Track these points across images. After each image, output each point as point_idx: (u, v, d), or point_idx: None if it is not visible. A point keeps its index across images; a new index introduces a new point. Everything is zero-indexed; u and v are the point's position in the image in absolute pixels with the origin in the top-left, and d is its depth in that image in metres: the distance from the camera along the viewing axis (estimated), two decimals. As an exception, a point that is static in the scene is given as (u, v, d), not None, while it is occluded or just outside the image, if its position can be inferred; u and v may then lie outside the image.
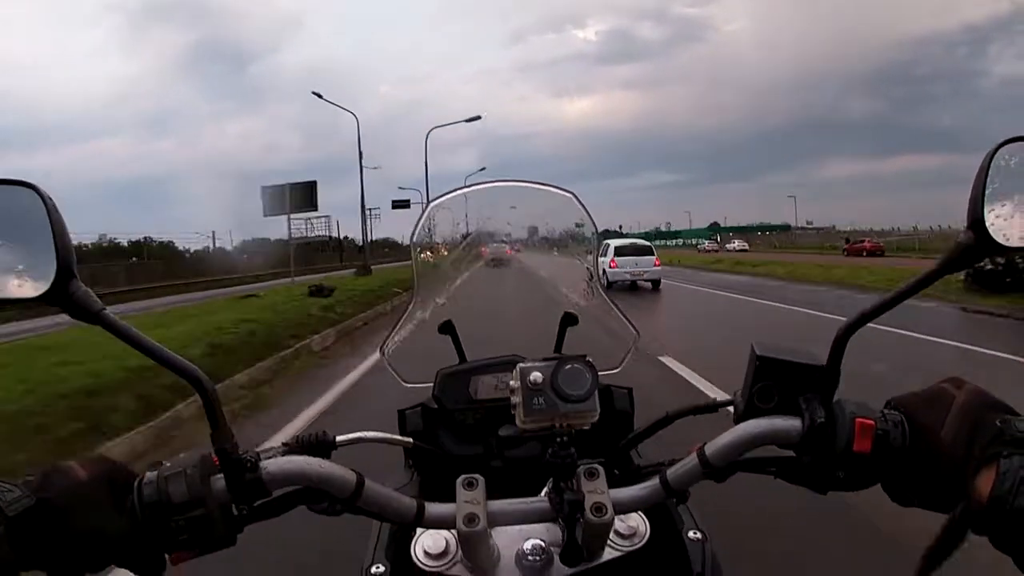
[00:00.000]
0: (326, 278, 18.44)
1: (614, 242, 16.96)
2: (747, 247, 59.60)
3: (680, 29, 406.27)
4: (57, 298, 0.46)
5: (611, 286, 15.35)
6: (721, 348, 6.39)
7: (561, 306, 0.84)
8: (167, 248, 52.26)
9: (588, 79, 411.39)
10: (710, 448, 0.53)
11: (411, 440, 0.74)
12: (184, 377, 0.49)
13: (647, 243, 17.75)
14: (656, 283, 16.14)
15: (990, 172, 0.46)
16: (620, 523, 0.60)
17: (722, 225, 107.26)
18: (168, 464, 0.48)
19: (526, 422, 0.57)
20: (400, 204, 31.52)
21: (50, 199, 0.47)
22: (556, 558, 0.56)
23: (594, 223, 0.83)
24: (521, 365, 0.58)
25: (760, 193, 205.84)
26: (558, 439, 0.57)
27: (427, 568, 0.58)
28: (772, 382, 0.53)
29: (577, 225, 0.86)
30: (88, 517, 0.44)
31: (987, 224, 0.45)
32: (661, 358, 5.87)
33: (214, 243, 49.11)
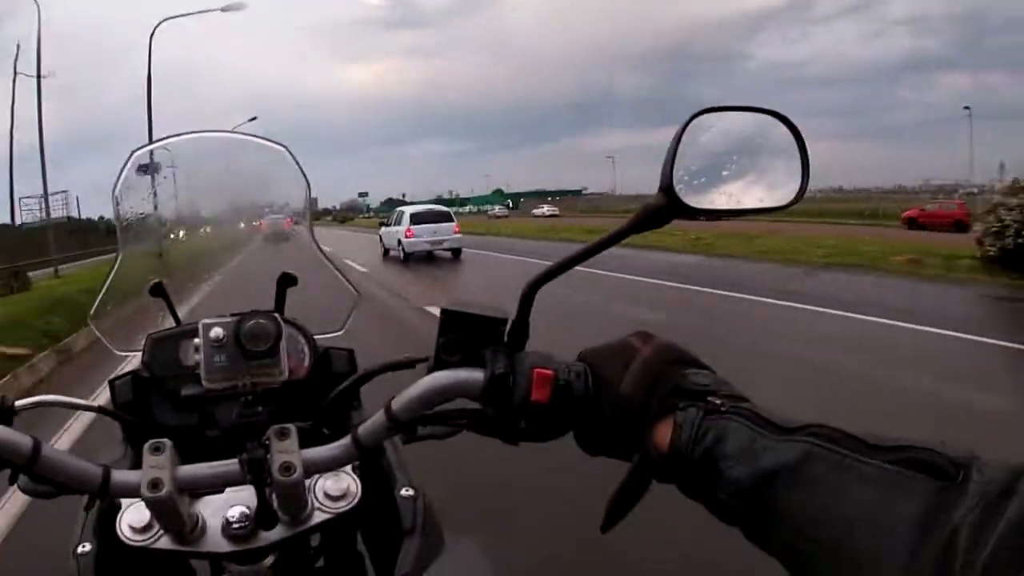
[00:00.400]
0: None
1: (409, 209, 16.13)
2: (557, 212, 59.16)
3: None
4: None
5: (408, 258, 14.79)
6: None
7: (281, 267, 0.85)
8: None
9: (372, 45, 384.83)
10: (397, 403, 0.52)
11: (96, 406, 0.70)
12: None
13: (445, 209, 16.90)
14: (457, 252, 15.42)
15: (683, 140, 0.47)
16: (331, 484, 0.59)
17: (505, 191, 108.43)
18: None
19: (209, 380, 0.56)
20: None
21: None
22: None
23: (307, 179, 0.81)
24: (204, 321, 0.57)
25: (533, 161, 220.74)
26: (243, 397, 0.57)
27: (132, 542, 0.55)
28: (458, 335, 0.53)
29: (293, 181, 0.83)
30: None
31: (676, 188, 0.46)
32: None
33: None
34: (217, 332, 0.56)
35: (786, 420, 0.41)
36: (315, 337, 0.76)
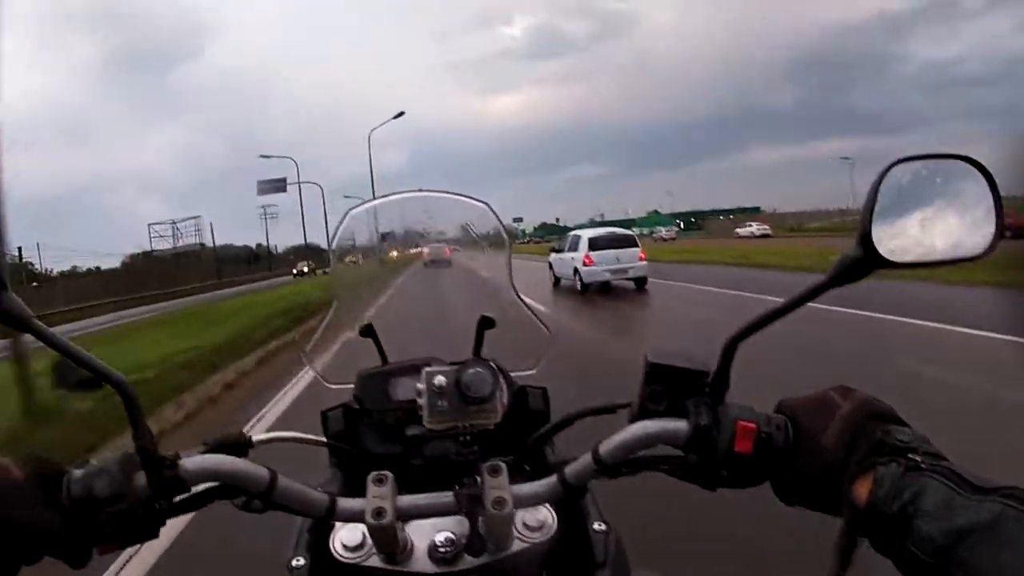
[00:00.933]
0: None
1: (586, 233, 13.50)
2: (769, 231, 49.28)
3: (606, 23, 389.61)
4: None
5: (586, 289, 12.63)
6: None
7: (480, 309, 0.87)
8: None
9: (517, 75, 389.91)
10: (604, 447, 0.57)
11: (325, 440, 0.77)
12: (109, 382, 0.52)
13: (628, 232, 14.11)
14: (642, 282, 12.89)
15: (880, 190, 0.48)
16: (529, 516, 0.63)
17: (661, 212, 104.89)
18: (95, 462, 0.51)
19: (431, 422, 0.61)
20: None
21: None
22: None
23: (505, 232, 0.87)
24: (427, 369, 0.62)
25: (688, 181, 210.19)
26: (461, 438, 0.61)
27: (344, 560, 0.61)
28: (662, 386, 0.57)
29: (494, 232, 0.89)
30: (24, 515, 0.47)
31: (874, 239, 0.47)
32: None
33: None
34: (440, 380, 0.61)
35: (982, 480, 0.42)
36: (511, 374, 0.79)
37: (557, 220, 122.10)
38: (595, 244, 12.83)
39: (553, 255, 15.22)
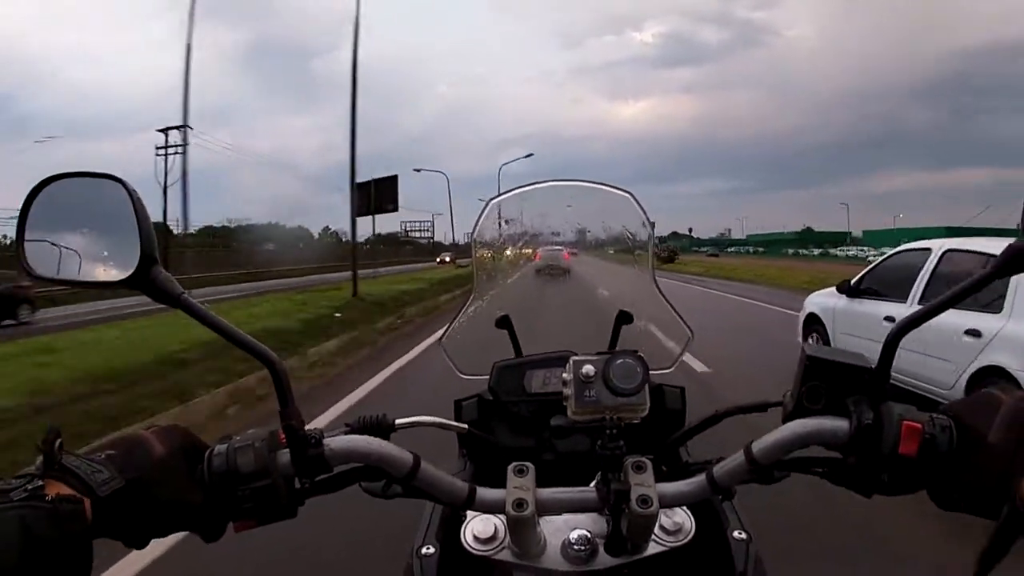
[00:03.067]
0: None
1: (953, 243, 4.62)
2: None
3: (741, 33, 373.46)
4: (140, 283, 0.51)
5: None
6: None
7: (616, 304, 0.85)
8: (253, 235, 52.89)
9: (645, 82, 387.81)
10: (757, 446, 0.53)
11: (466, 427, 0.77)
12: (258, 358, 0.53)
13: None
14: None
15: None
16: (666, 519, 0.60)
17: (815, 229, 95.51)
18: (238, 438, 0.52)
19: (577, 413, 0.59)
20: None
21: (135, 191, 0.51)
22: (601, 549, 0.58)
23: (648, 220, 0.83)
24: (575, 358, 0.60)
25: (812, 201, 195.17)
26: (607, 431, 0.59)
27: (475, 551, 0.60)
28: (821, 382, 0.53)
29: (636, 224, 0.87)
30: (167, 490, 0.47)
31: None
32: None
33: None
34: (588, 369, 0.59)
35: None
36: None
37: (690, 230, 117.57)
38: None
39: (831, 300, 5.65)
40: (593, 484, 0.58)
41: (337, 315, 10.48)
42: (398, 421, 0.64)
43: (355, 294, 13.80)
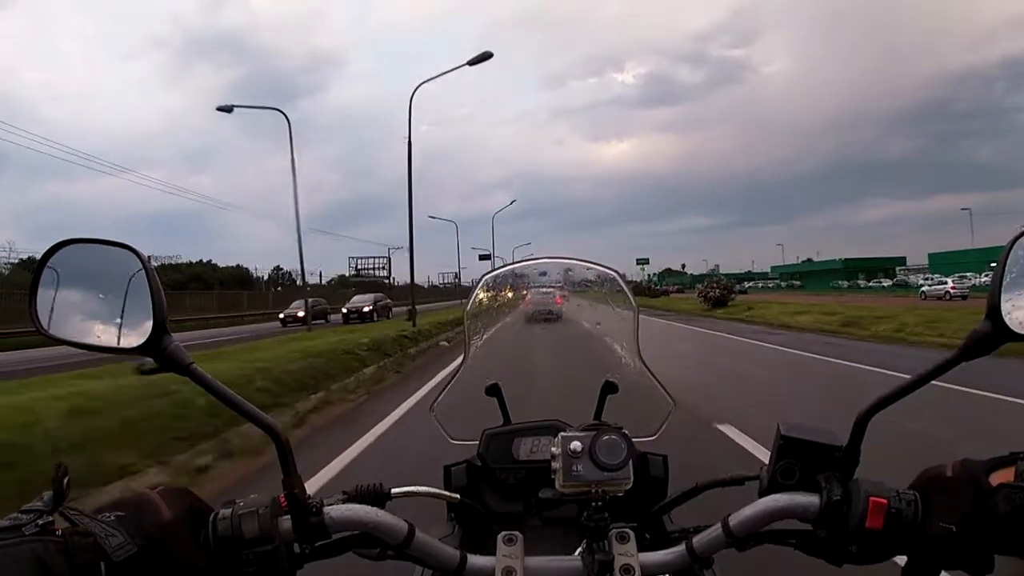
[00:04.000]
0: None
1: None
2: None
3: (719, 71, 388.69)
4: (152, 351, 0.52)
5: None
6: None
7: (602, 374, 0.87)
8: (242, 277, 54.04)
9: (626, 123, 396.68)
10: (734, 519, 0.57)
11: (459, 497, 0.78)
12: (261, 427, 0.55)
13: None
14: None
15: (1008, 262, 0.47)
16: None
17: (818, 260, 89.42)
18: (241, 503, 0.54)
19: (565, 486, 0.62)
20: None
21: (147, 259, 0.53)
22: None
23: (633, 299, 0.86)
24: (563, 434, 0.63)
25: (799, 233, 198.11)
26: (593, 503, 0.61)
27: None
28: (794, 460, 0.57)
29: (621, 300, 0.89)
30: (176, 555, 0.48)
31: (1003, 313, 0.47)
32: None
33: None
34: (576, 445, 0.61)
35: None
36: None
37: (683, 267, 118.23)
38: None
39: None
40: (578, 552, 0.60)
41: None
42: (394, 490, 0.65)
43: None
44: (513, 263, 0.91)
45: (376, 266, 63.64)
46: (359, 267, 64.20)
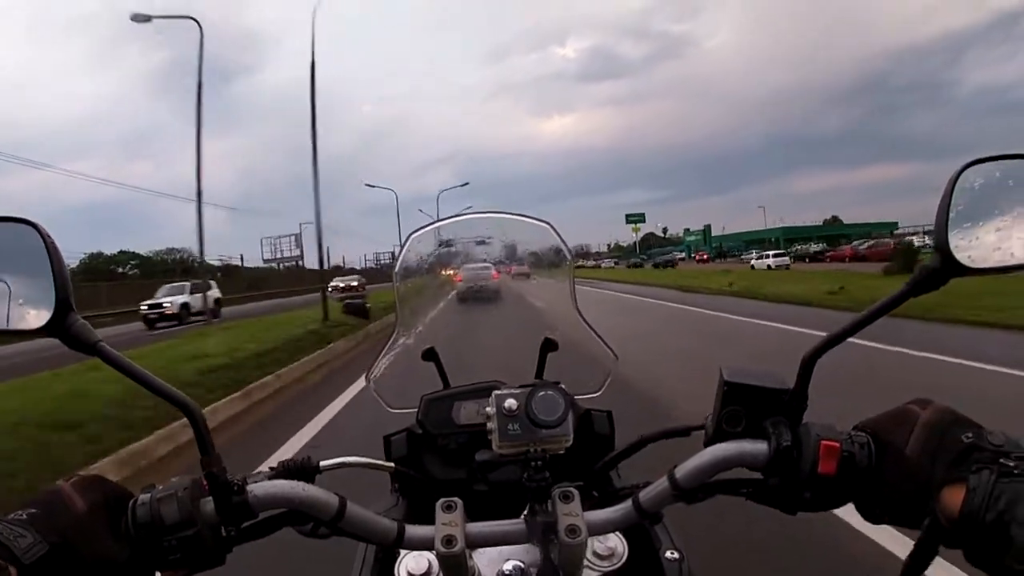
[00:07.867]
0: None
1: None
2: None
3: (661, 46, 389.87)
4: (56, 330, 0.49)
5: None
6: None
7: (542, 332, 0.85)
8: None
9: (569, 97, 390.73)
10: (680, 471, 0.55)
11: (393, 465, 0.76)
12: (176, 405, 0.51)
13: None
14: None
15: (954, 195, 0.47)
16: (599, 544, 0.61)
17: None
18: (160, 487, 0.50)
19: (502, 447, 0.60)
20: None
21: (49, 236, 0.49)
22: None
23: (569, 251, 0.85)
24: (496, 392, 0.61)
25: (736, 206, 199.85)
26: (533, 463, 0.59)
27: None
28: (740, 406, 0.55)
29: (555, 253, 0.88)
30: (92, 548, 0.46)
31: (951, 247, 0.46)
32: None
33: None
34: (511, 403, 0.59)
35: None
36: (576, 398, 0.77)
37: (664, 231, 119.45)
38: None
39: None
40: (522, 516, 0.59)
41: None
42: (322, 463, 0.63)
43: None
44: (441, 220, 0.88)
45: (292, 246, 59.51)
46: (274, 248, 59.62)
